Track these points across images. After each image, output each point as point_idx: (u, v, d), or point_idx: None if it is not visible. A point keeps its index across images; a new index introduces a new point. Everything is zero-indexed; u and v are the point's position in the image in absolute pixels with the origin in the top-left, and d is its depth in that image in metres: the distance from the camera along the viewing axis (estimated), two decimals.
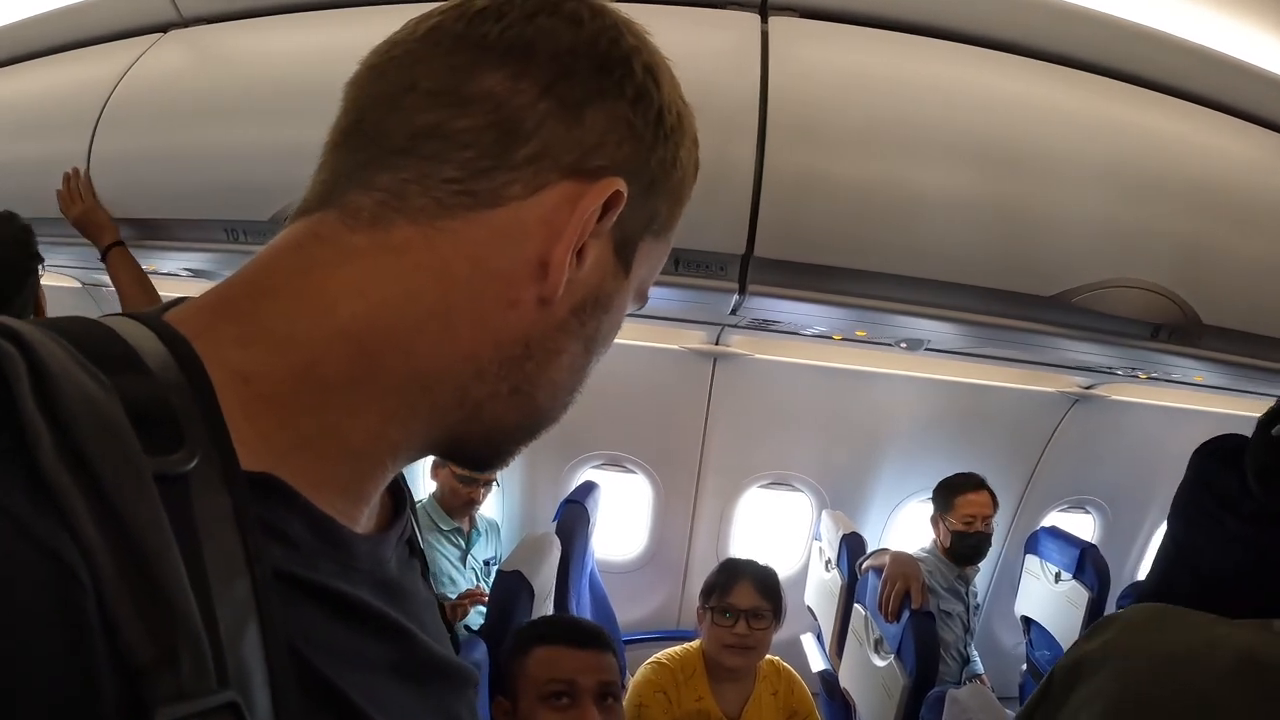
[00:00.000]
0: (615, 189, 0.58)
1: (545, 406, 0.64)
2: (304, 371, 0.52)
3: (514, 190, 0.57)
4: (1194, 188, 1.97)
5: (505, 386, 0.60)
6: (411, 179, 0.56)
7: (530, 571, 2.45)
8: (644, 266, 0.67)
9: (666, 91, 0.63)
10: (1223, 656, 0.94)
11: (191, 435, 0.44)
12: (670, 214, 0.67)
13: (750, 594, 2.62)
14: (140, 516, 0.39)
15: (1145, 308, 1.97)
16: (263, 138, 2.16)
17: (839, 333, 2.79)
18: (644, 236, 0.65)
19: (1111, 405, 3.98)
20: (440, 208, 0.56)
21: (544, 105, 0.57)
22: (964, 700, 2.01)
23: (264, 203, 2.15)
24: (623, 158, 0.60)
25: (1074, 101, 1.97)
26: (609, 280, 0.63)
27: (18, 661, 0.34)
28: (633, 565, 4.30)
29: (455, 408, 0.59)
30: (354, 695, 0.51)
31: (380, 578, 0.59)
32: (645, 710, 2.54)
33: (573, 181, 0.58)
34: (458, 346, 0.57)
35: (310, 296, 0.54)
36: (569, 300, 0.60)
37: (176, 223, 2.44)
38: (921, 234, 1.87)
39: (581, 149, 0.58)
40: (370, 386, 0.55)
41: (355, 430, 0.55)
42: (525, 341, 0.59)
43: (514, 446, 0.67)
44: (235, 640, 0.41)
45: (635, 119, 0.60)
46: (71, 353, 0.42)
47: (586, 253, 0.60)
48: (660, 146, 0.63)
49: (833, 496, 4.18)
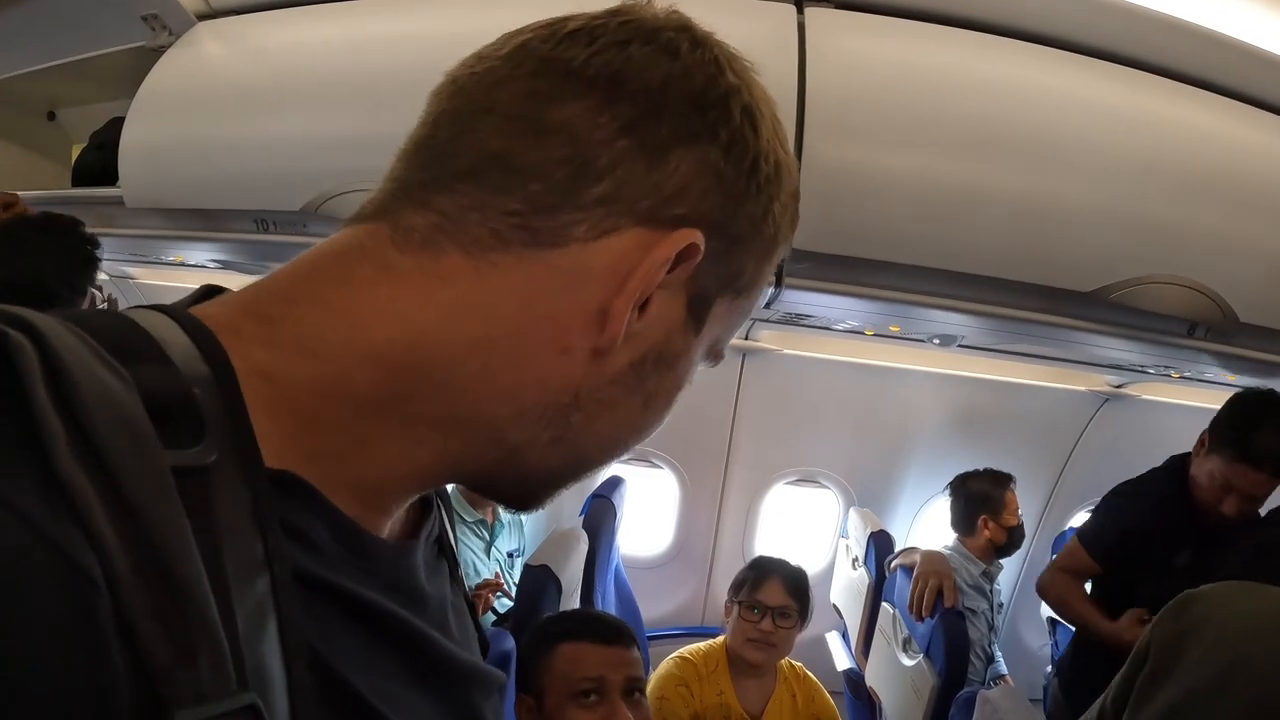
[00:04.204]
0: (691, 241, 0.54)
1: (590, 458, 0.61)
2: (328, 385, 0.50)
3: (578, 231, 0.53)
4: (1233, 184, 1.94)
5: (547, 434, 0.56)
6: (471, 206, 0.53)
7: (558, 566, 2.45)
8: (720, 325, 0.62)
9: (766, 139, 0.58)
10: None
11: (213, 429, 0.43)
12: (757, 272, 0.61)
13: (779, 592, 2.62)
14: (158, 514, 0.38)
15: (1182, 304, 1.95)
16: (292, 128, 2.15)
17: (872, 328, 2.77)
18: (723, 294, 0.60)
19: (1142, 405, 3.94)
20: (496, 240, 0.53)
21: (623, 143, 0.53)
22: (996, 701, 1.99)
23: (293, 193, 2.14)
24: (707, 209, 0.55)
25: (1113, 96, 1.95)
26: (676, 337, 0.58)
27: (32, 666, 0.34)
28: (658, 561, 4.28)
29: (490, 448, 0.56)
30: (372, 699, 0.49)
31: (402, 583, 0.57)
32: (666, 703, 2.54)
33: (647, 229, 0.54)
34: (497, 387, 0.54)
35: (344, 311, 0.52)
36: (628, 354, 0.56)
37: (205, 213, 2.44)
38: (958, 228, 1.85)
39: (660, 195, 0.54)
40: (399, 414, 0.52)
41: (380, 452, 0.53)
42: (575, 391, 0.56)
43: (550, 491, 0.63)
44: (254, 640, 0.41)
45: (726, 167, 0.55)
46: (89, 344, 0.40)
47: (652, 306, 0.55)
48: (751, 200, 0.57)
49: (860, 494, 4.15)
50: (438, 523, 0.67)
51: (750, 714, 2.63)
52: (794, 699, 2.71)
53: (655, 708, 2.52)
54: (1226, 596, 1.15)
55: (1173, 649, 1.15)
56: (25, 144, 3.08)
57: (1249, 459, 2.29)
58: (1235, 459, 2.31)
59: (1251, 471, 2.30)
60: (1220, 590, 1.17)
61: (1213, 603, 1.15)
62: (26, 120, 3.06)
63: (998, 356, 3.51)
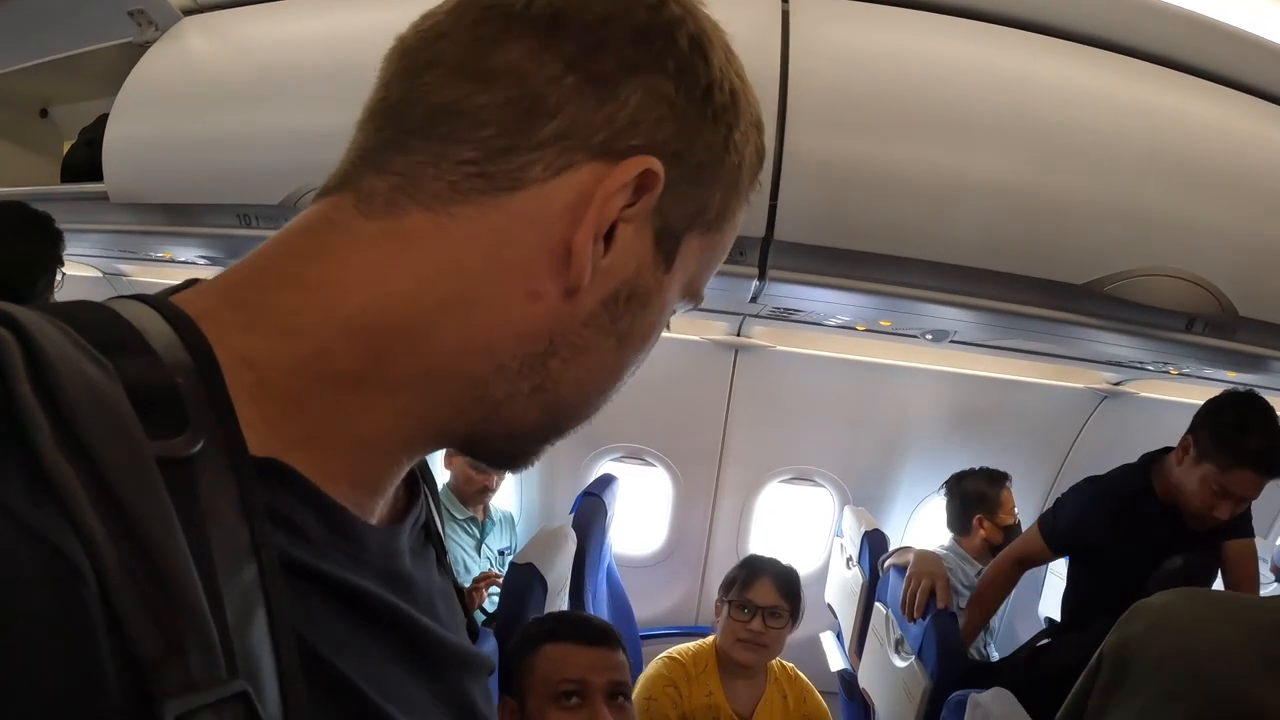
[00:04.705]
0: (646, 168, 0.54)
1: (572, 406, 0.61)
2: (309, 363, 0.50)
3: (534, 172, 0.53)
4: (1233, 176, 1.89)
5: (526, 385, 0.56)
6: (427, 161, 0.53)
7: (544, 565, 2.41)
8: (693, 262, 0.62)
9: (717, 67, 0.58)
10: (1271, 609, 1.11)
11: (197, 418, 0.43)
12: (726, 205, 0.62)
13: (770, 592, 2.60)
14: (144, 505, 0.38)
15: (1180, 298, 1.90)
16: (274, 122, 2.14)
17: (863, 323, 2.73)
18: (692, 229, 0.60)
19: (1141, 403, 3.92)
20: (454, 192, 0.53)
21: (570, 80, 0.53)
22: (987, 705, 1.94)
23: (274, 187, 2.13)
24: (663, 138, 0.55)
25: (1110, 85, 1.90)
26: (646, 273, 0.58)
27: (19, 659, 0.33)
28: (651, 560, 4.28)
29: (473, 405, 0.56)
30: (362, 684, 0.49)
31: (390, 569, 0.57)
32: (654, 704, 2.52)
33: (603, 163, 0.54)
34: (474, 342, 0.54)
35: (317, 285, 0.52)
36: (598, 291, 0.56)
37: (189, 208, 2.44)
38: (947, 219, 1.81)
39: (614, 127, 0.54)
40: (381, 382, 0.52)
41: (366, 424, 0.53)
42: (549, 337, 0.56)
43: (538, 446, 0.63)
44: (243, 628, 0.41)
45: (678, 96, 0.55)
46: (71, 336, 0.40)
47: (617, 240, 0.55)
48: (709, 128, 0.57)
49: (855, 492, 4.14)
50: (425, 508, 0.68)
51: (739, 715, 2.61)
52: (785, 700, 2.69)
53: (643, 709, 2.50)
54: (1174, 604, 1.20)
55: (1125, 659, 1.19)
56: (18, 141, 3.09)
57: (1246, 464, 2.30)
58: (1231, 466, 2.32)
59: (1249, 475, 2.32)
60: (1168, 599, 1.22)
61: (1162, 611, 1.20)
62: (20, 118, 3.07)
63: (994, 353, 3.49)
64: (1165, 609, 1.20)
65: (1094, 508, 2.61)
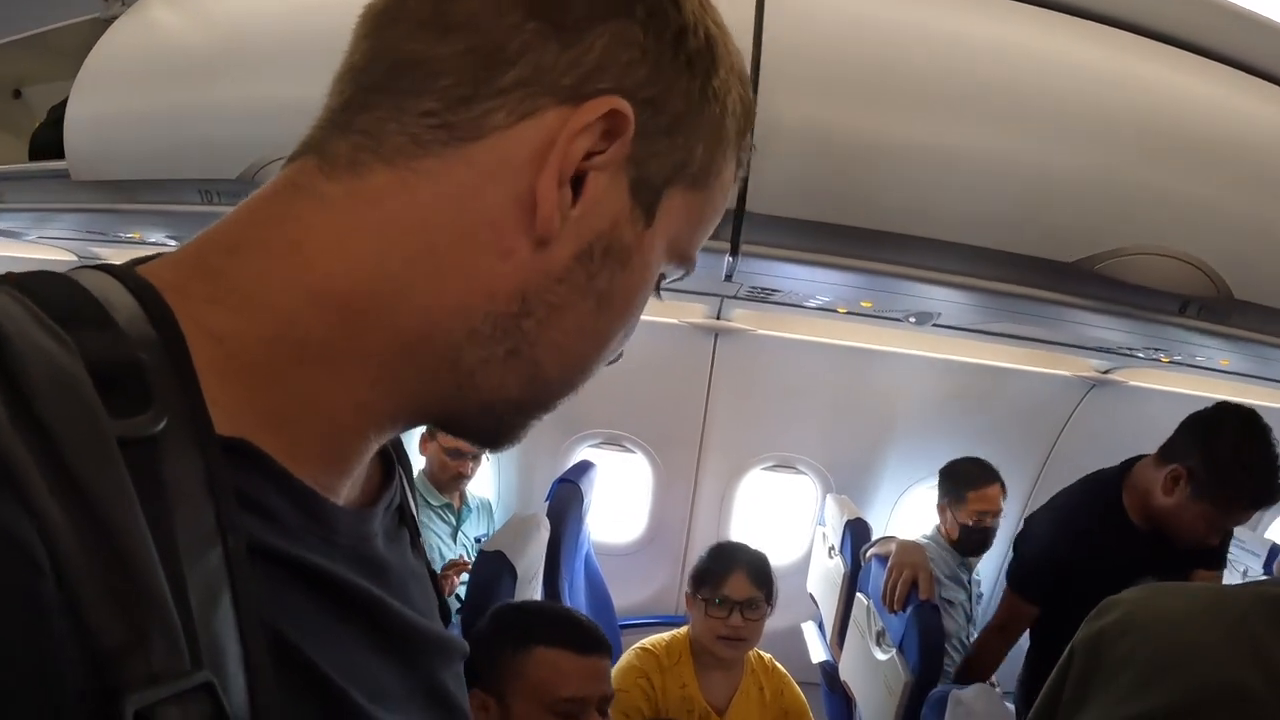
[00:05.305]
0: (611, 108, 0.51)
1: (551, 374, 0.58)
2: (277, 335, 0.49)
3: (497, 119, 0.51)
4: (1232, 155, 1.82)
5: (501, 349, 0.54)
6: (388, 117, 0.52)
7: (514, 553, 2.35)
8: (678, 220, 0.59)
9: (690, 11, 0.56)
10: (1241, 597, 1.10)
11: (161, 395, 0.41)
12: (711, 160, 0.59)
13: (744, 585, 2.54)
14: (103, 486, 0.36)
15: (1173, 278, 1.83)
16: (234, 94, 2.07)
17: (843, 304, 2.66)
18: (674, 183, 0.57)
19: (1131, 392, 3.87)
20: (416, 146, 0.51)
21: (532, 25, 0.51)
22: (968, 701, 1.89)
23: (232, 161, 2.07)
24: (634, 83, 0.53)
25: (1104, 59, 1.82)
26: (624, 227, 0.56)
27: None
28: (631, 548, 4.26)
29: (447, 373, 0.54)
30: (330, 672, 0.48)
31: (361, 552, 0.56)
32: (625, 695, 2.46)
33: (569, 107, 0.52)
34: (445, 304, 0.52)
35: (281, 252, 0.50)
36: (571, 244, 0.54)
37: (150, 184, 2.38)
38: (930, 191, 1.73)
39: (579, 71, 0.52)
40: (350, 352, 0.51)
41: (336, 399, 0.51)
42: (521, 295, 0.53)
43: (520, 420, 0.61)
44: (207, 616, 0.39)
45: (648, 40, 0.53)
46: (29, 308, 0.39)
47: (588, 189, 0.53)
48: (684, 74, 0.55)
49: (838, 480, 4.10)
50: (399, 491, 0.66)
51: (715, 708, 2.56)
52: (761, 692, 2.65)
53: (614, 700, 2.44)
54: (1145, 598, 1.19)
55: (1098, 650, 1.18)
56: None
57: (1248, 504, 2.18)
58: (1233, 508, 2.19)
59: (1251, 511, 2.20)
60: (1138, 592, 1.22)
61: (1134, 603, 1.19)
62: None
63: (981, 339, 3.42)
64: (1137, 601, 1.19)
65: (1060, 536, 2.39)
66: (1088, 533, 2.35)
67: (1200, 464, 2.18)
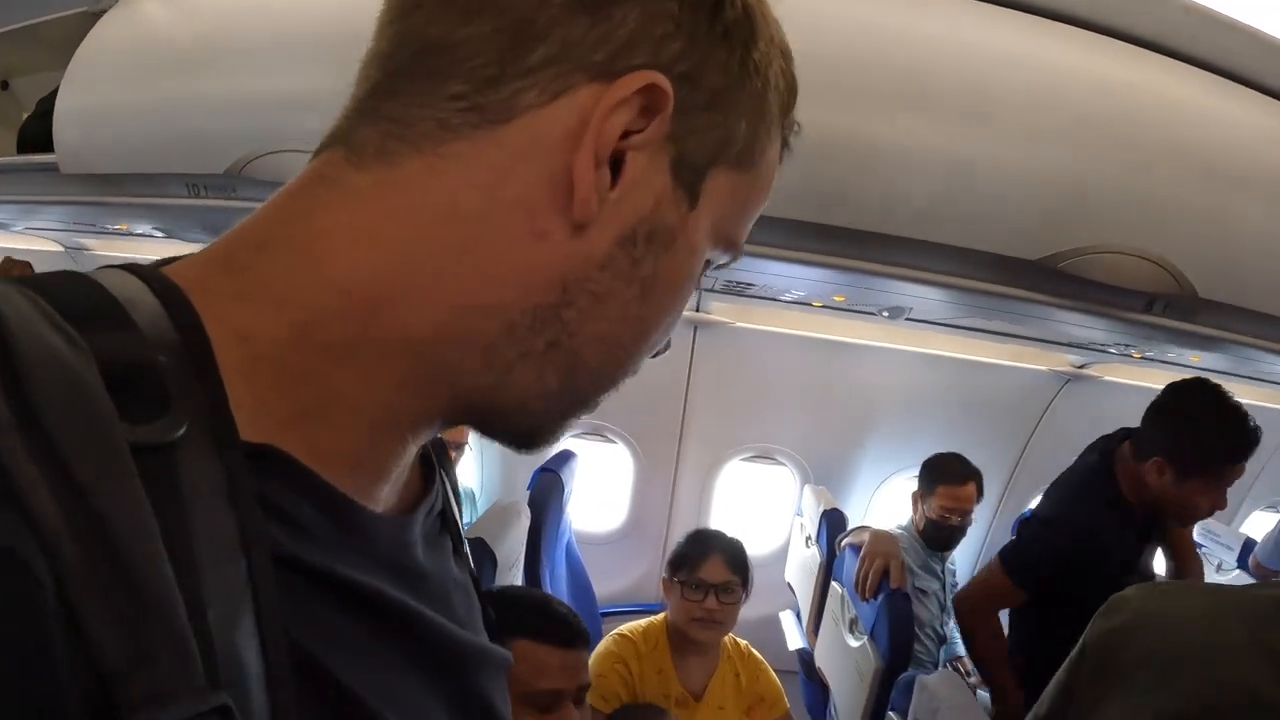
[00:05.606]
0: (648, 82, 0.49)
1: (594, 368, 0.55)
2: (303, 333, 0.46)
3: (529, 98, 0.49)
4: (1196, 156, 1.85)
5: (540, 341, 0.51)
6: (417, 103, 0.49)
7: (494, 540, 2.36)
8: (724, 202, 0.56)
9: None
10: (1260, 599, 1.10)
11: (180, 399, 0.39)
12: (754, 137, 0.56)
13: (721, 568, 2.56)
14: (111, 496, 0.34)
15: (1138, 277, 1.86)
16: (222, 88, 2.08)
17: (817, 298, 2.70)
18: (718, 163, 0.54)
19: (1105, 387, 3.93)
20: (444, 130, 0.49)
21: (560, 1, 0.49)
22: (933, 687, 1.93)
23: (220, 156, 2.08)
24: (669, 56, 0.50)
25: (1067, 59, 1.84)
26: (667, 209, 0.53)
27: None
28: (612, 537, 4.28)
29: (483, 370, 0.51)
30: (361, 691, 0.45)
31: (400, 562, 0.53)
32: (603, 680, 2.49)
33: (603, 84, 0.49)
34: (478, 296, 0.49)
35: (308, 246, 0.48)
36: (612, 229, 0.51)
37: (138, 177, 2.40)
38: (899, 189, 1.76)
39: (611, 46, 0.49)
40: (379, 348, 0.48)
41: (366, 398, 0.49)
42: (561, 284, 0.51)
43: (559, 419, 0.57)
44: (227, 632, 0.37)
45: (682, 13, 0.50)
46: (41, 308, 0.37)
47: (627, 170, 0.50)
48: (721, 46, 0.52)
49: (816, 471, 4.14)
50: (441, 496, 0.63)
51: (691, 693, 2.57)
52: (737, 678, 2.66)
53: (592, 686, 2.46)
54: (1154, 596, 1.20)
55: (1111, 647, 1.18)
56: None
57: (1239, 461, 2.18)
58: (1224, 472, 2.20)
59: (1241, 466, 2.20)
60: (1146, 590, 1.22)
61: (1142, 603, 1.19)
62: None
63: (958, 334, 3.46)
64: (1145, 600, 1.19)
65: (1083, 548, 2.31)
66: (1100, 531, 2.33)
67: (1175, 449, 2.22)
